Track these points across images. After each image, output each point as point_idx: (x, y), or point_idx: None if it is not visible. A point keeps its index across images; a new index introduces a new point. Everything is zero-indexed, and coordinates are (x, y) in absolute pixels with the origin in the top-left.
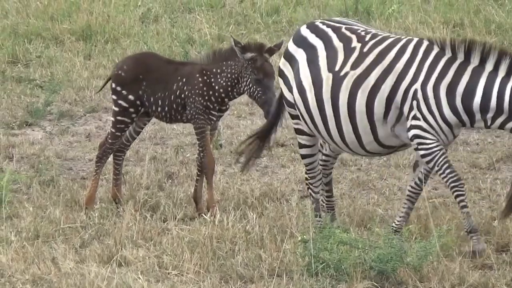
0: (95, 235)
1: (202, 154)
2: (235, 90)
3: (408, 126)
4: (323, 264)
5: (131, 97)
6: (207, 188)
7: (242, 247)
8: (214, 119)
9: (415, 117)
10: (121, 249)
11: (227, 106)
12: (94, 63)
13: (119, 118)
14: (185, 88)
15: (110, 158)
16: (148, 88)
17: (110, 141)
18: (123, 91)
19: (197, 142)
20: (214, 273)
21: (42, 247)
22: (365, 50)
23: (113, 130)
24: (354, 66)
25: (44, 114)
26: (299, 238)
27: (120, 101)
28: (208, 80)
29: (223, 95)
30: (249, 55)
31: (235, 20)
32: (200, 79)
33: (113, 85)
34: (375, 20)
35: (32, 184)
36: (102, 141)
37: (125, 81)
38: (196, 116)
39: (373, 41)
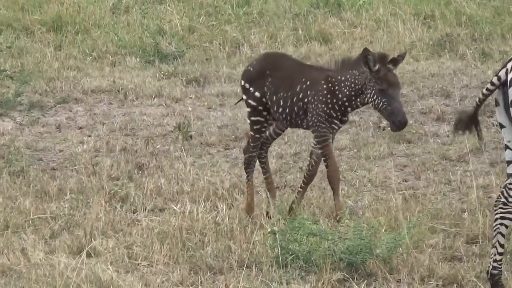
0: (65, 225)
1: (325, 163)
2: (358, 100)
3: None
4: (293, 255)
5: (257, 94)
6: (333, 196)
7: (212, 238)
8: (336, 128)
9: None
10: (91, 240)
11: (347, 118)
12: (64, 54)
13: (253, 119)
14: (308, 92)
15: None
16: (272, 85)
17: (252, 144)
18: (251, 88)
19: (320, 151)
20: (184, 264)
21: (11, 238)
22: None
23: (252, 133)
24: None
25: (14, 105)
26: (269, 230)
27: (249, 101)
28: (332, 88)
29: (346, 103)
30: (376, 66)
31: (206, 11)
32: (325, 86)
33: (242, 83)
34: (345, 12)
35: (2, 174)
36: (245, 147)
37: (253, 77)
38: (318, 124)
39: None
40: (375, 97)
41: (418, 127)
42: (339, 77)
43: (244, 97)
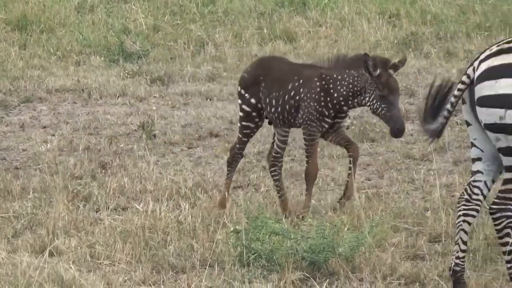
0: (28, 225)
1: (307, 159)
2: (356, 101)
3: None
4: (255, 254)
5: (253, 100)
6: (306, 193)
7: (174, 237)
8: (326, 126)
9: None
10: (54, 239)
11: (347, 113)
12: (29, 53)
13: (244, 123)
14: (301, 90)
15: None
16: (265, 89)
17: (238, 146)
18: (246, 94)
19: (305, 147)
20: (146, 263)
21: None
22: None
23: (240, 136)
24: None
25: None
26: (231, 229)
27: (243, 106)
28: (326, 86)
29: (342, 103)
30: (378, 71)
31: (171, 10)
32: (318, 84)
33: (239, 89)
34: (310, 11)
35: None
36: (232, 146)
37: (247, 83)
38: (308, 122)
39: None
40: (374, 101)
41: (382, 125)
42: (334, 76)
43: (239, 101)
